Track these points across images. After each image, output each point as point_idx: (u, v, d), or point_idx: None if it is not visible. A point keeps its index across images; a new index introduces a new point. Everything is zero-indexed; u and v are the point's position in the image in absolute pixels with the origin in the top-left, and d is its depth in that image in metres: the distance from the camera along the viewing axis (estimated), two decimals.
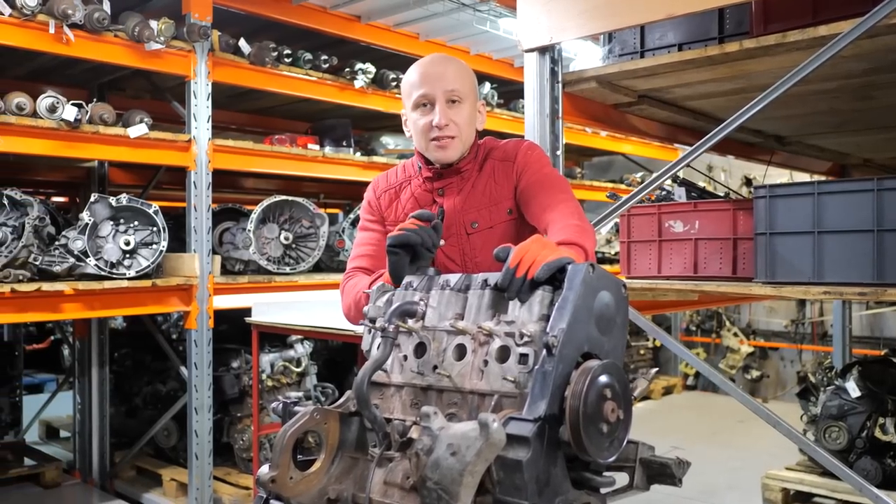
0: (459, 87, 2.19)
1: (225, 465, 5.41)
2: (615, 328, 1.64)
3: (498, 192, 2.23)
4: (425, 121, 2.18)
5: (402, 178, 2.36)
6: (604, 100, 3.75)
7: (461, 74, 2.23)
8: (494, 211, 2.22)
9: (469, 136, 2.24)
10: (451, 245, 2.23)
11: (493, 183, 2.24)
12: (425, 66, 2.23)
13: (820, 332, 8.71)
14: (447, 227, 2.21)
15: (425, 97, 2.18)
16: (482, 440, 1.36)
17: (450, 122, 2.16)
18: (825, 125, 4.48)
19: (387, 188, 2.37)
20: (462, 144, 2.21)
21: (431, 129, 2.17)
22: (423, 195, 2.28)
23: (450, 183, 2.25)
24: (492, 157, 2.28)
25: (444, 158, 2.21)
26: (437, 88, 2.17)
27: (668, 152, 8.17)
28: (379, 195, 2.37)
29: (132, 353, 6.13)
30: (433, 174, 2.26)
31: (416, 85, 2.20)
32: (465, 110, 2.20)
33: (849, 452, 4.49)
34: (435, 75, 2.19)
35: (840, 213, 2.90)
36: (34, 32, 3.95)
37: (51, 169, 6.02)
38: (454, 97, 2.18)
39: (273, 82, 5.06)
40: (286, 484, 1.63)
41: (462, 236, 2.22)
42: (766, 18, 2.99)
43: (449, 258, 2.24)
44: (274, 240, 5.11)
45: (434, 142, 2.19)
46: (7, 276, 3.90)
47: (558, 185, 2.20)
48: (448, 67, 2.22)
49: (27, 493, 5.41)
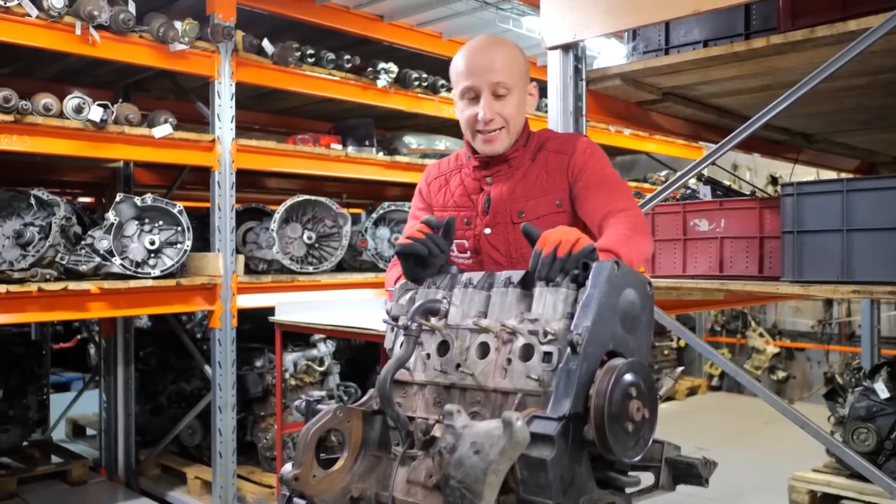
0: (506, 79, 2.12)
1: (248, 463, 5.44)
2: (640, 326, 1.63)
3: (549, 184, 2.17)
4: (470, 113, 2.15)
5: (454, 167, 2.34)
6: (628, 97, 3.72)
7: (509, 63, 2.15)
8: (543, 202, 2.16)
9: (517, 125, 2.19)
10: (496, 234, 2.19)
11: (545, 174, 2.18)
12: (472, 55, 2.16)
13: (847, 333, 8.59)
14: (493, 214, 2.19)
15: (471, 89, 2.14)
16: (506, 439, 1.35)
17: (495, 115, 2.12)
18: (853, 122, 4.42)
19: (438, 175, 2.36)
20: (509, 135, 2.17)
21: (477, 122, 2.14)
22: (472, 183, 2.26)
23: (498, 171, 2.22)
24: (546, 148, 2.21)
25: (490, 151, 2.19)
26: (482, 81, 2.12)
27: (693, 151, 8.10)
28: (430, 182, 2.37)
29: (157, 351, 6.18)
30: (480, 163, 2.24)
31: (463, 75, 2.15)
32: (513, 101, 2.15)
33: (877, 454, 4.42)
34: (481, 66, 2.13)
35: (870, 211, 2.86)
36: (61, 34, 3.99)
37: (77, 169, 6.08)
38: (501, 90, 2.12)
39: (296, 82, 5.07)
40: (309, 482, 1.63)
41: (508, 225, 2.18)
42: (793, 13, 2.94)
43: (493, 247, 2.21)
44: (297, 239, 5.12)
45: (480, 134, 2.16)
46: (34, 276, 3.94)
47: (618, 188, 2.14)
48: (495, 56, 2.14)
49: (54, 490, 5.46)
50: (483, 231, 2.19)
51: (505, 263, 2.17)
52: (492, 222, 2.19)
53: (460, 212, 2.24)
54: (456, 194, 2.27)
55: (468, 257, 2.24)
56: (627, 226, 1.97)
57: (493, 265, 2.17)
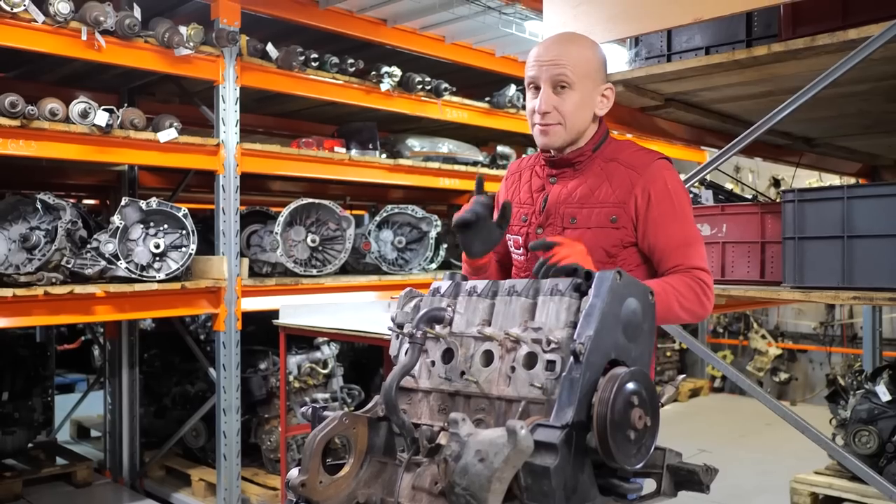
0: (570, 73, 2.10)
1: (252, 465, 5.46)
2: (642, 335, 1.65)
3: (609, 196, 2.11)
4: (531, 104, 2.17)
5: (533, 162, 2.34)
6: (630, 103, 3.74)
7: (576, 58, 2.12)
8: (597, 213, 2.11)
9: (577, 123, 2.15)
10: (546, 235, 2.16)
11: (607, 184, 2.12)
12: (543, 48, 2.18)
13: (849, 335, 8.60)
14: (547, 215, 2.19)
15: (533, 80, 2.16)
16: (510, 447, 1.37)
17: (552, 109, 2.11)
18: (855, 127, 4.44)
19: (515, 171, 2.38)
20: (567, 132, 2.14)
21: (535, 114, 2.16)
22: (538, 181, 2.27)
23: (563, 173, 2.21)
24: (618, 160, 2.16)
25: (545, 144, 2.18)
26: (544, 72, 2.12)
27: (695, 153, 8.12)
28: (507, 177, 2.40)
29: (161, 354, 6.20)
30: (547, 161, 2.24)
31: (529, 66, 2.17)
32: (574, 97, 2.11)
33: (879, 457, 4.44)
34: (546, 58, 2.13)
35: (870, 218, 2.88)
36: (67, 39, 4.02)
37: (82, 173, 6.10)
38: (562, 83, 2.10)
39: (300, 86, 5.09)
40: (316, 488, 1.65)
41: (558, 228, 2.16)
42: (794, 21, 2.97)
43: None
44: (301, 242, 5.15)
45: (536, 126, 2.17)
46: (40, 279, 3.97)
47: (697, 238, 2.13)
48: (563, 50, 2.13)
49: (59, 492, 5.49)
50: (535, 230, 2.20)
51: None
52: (545, 222, 2.19)
53: (521, 208, 2.26)
54: (522, 190, 2.29)
55: (521, 254, 2.26)
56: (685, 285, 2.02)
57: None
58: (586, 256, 1.80)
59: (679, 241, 2.08)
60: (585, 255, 1.80)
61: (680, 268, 2.06)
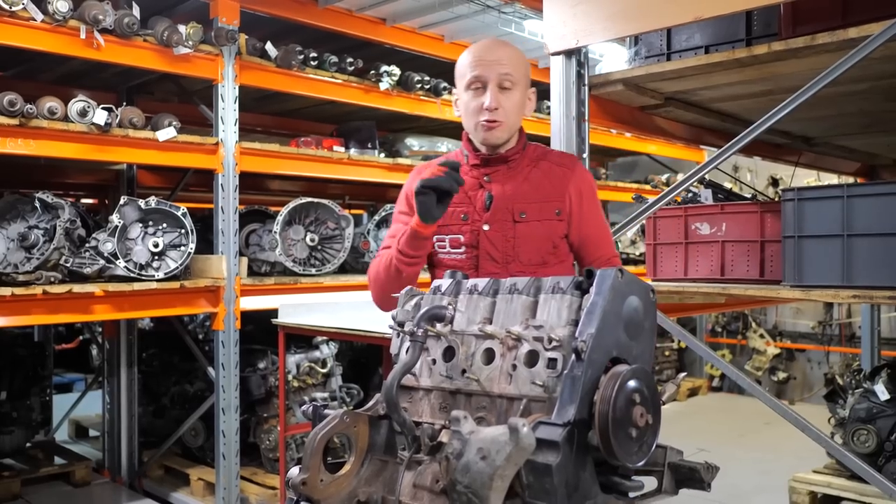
0: (512, 73, 2.26)
1: (251, 464, 5.46)
2: (643, 333, 1.65)
3: (551, 192, 2.32)
4: (476, 102, 2.27)
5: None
6: (630, 102, 3.74)
7: (516, 60, 2.30)
8: (545, 207, 2.31)
9: (516, 123, 2.33)
10: (495, 231, 2.30)
11: (547, 182, 2.33)
12: (481, 49, 2.30)
13: (848, 334, 8.61)
14: (493, 211, 2.30)
15: (478, 79, 2.26)
16: (512, 444, 1.36)
17: (500, 106, 2.25)
18: (854, 126, 4.44)
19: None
20: (508, 130, 2.31)
21: (481, 112, 2.26)
22: (470, 181, 2.34)
23: (497, 171, 2.34)
24: (548, 160, 2.39)
25: (489, 140, 2.30)
26: (490, 72, 2.25)
27: (694, 152, 8.13)
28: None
29: (160, 353, 6.20)
30: (480, 161, 2.35)
31: (471, 66, 2.28)
32: (516, 97, 2.29)
33: (877, 456, 4.44)
34: (490, 59, 2.26)
35: (870, 216, 2.87)
36: (66, 38, 4.01)
37: (81, 172, 6.10)
38: (506, 82, 2.25)
39: (299, 85, 5.09)
40: (317, 487, 1.65)
41: (508, 223, 2.30)
42: (794, 20, 2.96)
43: (491, 243, 2.31)
44: (300, 241, 5.14)
45: (482, 123, 2.27)
46: (39, 278, 3.96)
47: (609, 232, 2.48)
48: (503, 52, 2.29)
49: (58, 492, 5.49)
50: (482, 227, 2.30)
51: (500, 259, 2.30)
52: (491, 219, 2.30)
53: (456, 208, 2.32)
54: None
55: (462, 252, 2.34)
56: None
57: (489, 261, 2.29)
58: None
59: (602, 232, 2.42)
60: None
61: (603, 258, 2.37)
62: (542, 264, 2.32)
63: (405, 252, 2.22)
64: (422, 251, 2.24)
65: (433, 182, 2.05)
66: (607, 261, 2.38)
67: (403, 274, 2.24)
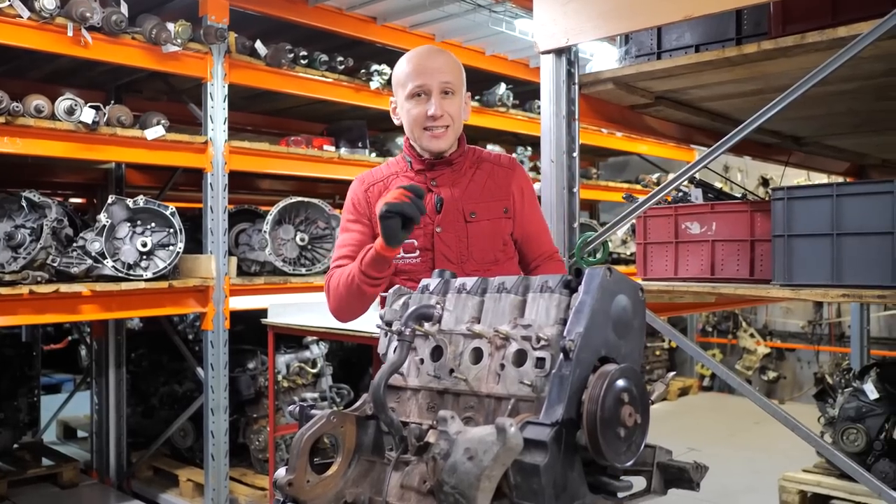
0: (453, 80, 2.31)
1: (241, 465, 5.44)
2: (632, 332, 1.64)
3: (497, 192, 2.40)
4: (419, 110, 2.30)
5: (390, 172, 2.45)
6: (620, 101, 3.73)
7: (454, 67, 2.35)
8: (493, 207, 2.39)
9: (459, 126, 2.38)
10: (447, 232, 2.34)
11: (492, 182, 2.41)
12: (420, 58, 2.35)
13: (837, 333, 8.64)
14: (445, 214, 2.34)
15: (420, 87, 2.30)
16: (500, 445, 1.35)
17: (444, 112, 2.29)
18: (843, 126, 4.45)
19: (374, 182, 2.44)
20: (454, 134, 2.37)
21: (426, 119, 2.29)
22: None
23: (442, 174, 2.38)
24: (488, 161, 2.47)
25: (437, 148, 2.34)
26: (432, 80, 2.29)
27: (684, 152, 8.13)
28: (367, 188, 2.44)
29: (149, 353, 6.16)
30: (425, 165, 2.38)
31: (412, 75, 2.31)
32: (457, 102, 2.34)
33: (867, 455, 4.45)
34: (431, 67, 2.31)
35: (859, 215, 2.88)
36: (53, 35, 3.98)
37: (68, 171, 6.06)
38: (448, 88, 2.30)
39: (289, 84, 5.07)
40: (303, 487, 1.63)
41: (460, 224, 2.35)
42: (784, 19, 2.97)
43: (445, 244, 2.35)
44: (290, 241, 5.12)
45: (427, 131, 2.31)
46: (25, 278, 3.93)
47: (547, 228, 2.60)
48: (442, 60, 2.35)
49: (45, 493, 5.45)
50: (435, 229, 2.33)
51: (455, 259, 2.34)
52: (443, 221, 2.34)
53: None
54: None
55: (416, 256, 2.36)
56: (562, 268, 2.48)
57: (444, 261, 2.33)
58: None
59: (542, 228, 2.54)
60: None
61: (546, 254, 2.49)
62: (494, 262, 2.38)
63: (369, 274, 2.21)
64: (386, 272, 2.24)
65: (398, 207, 2.04)
66: (549, 256, 2.48)
67: (367, 294, 2.26)
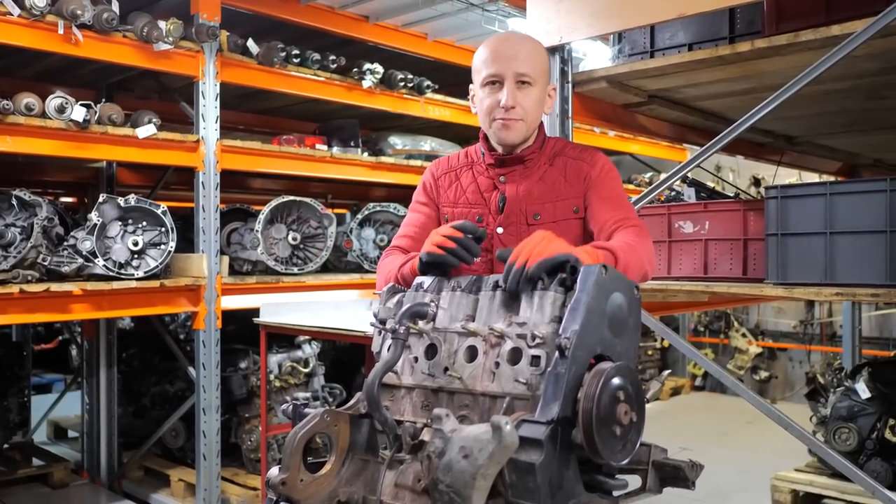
0: (530, 70, 2.13)
1: (233, 465, 5.41)
2: (628, 330, 1.63)
3: (567, 189, 2.18)
4: (491, 100, 2.15)
5: (464, 162, 2.32)
6: (613, 100, 3.73)
7: (534, 56, 2.17)
8: (560, 206, 2.17)
9: (535, 120, 2.20)
10: (509, 234, 2.17)
11: (562, 179, 2.19)
12: (499, 44, 2.18)
13: (829, 333, 8.67)
14: (507, 214, 2.18)
15: (494, 76, 2.14)
16: (495, 443, 1.34)
17: (517, 104, 2.12)
18: (836, 125, 4.46)
19: (447, 170, 2.33)
20: (526, 128, 2.17)
21: (496, 109, 2.14)
22: (485, 181, 2.24)
23: (513, 171, 2.21)
24: (565, 154, 2.23)
25: (505, 139, 2.17)
26: (507, 68, 2.12)
27: (677, 152, 8.14)
28: (438, 177, 2.33)
29: (140, 353, 6.13)
30: (495, 161, 2.23)
31: (487, 63, 2.15)
32: (534, 94, 2.15)
33: (859, 454, 4.46)
34: (507, 55, 2.14)
35: (852, 214, 2.88)
36: (43, 33, 3.95)
37: (59, 169, 6.03)
38: (524, 79, 2.13)
39: (281, 82, 5.05)
40: (296, 486, 1.62)
41: (522, 226, 2.17)
42: (777, 18, 2.97)
43: (504, 246, 2.16)
44: (282, 240, 5.11)
45: (497, 121, 2.15)
46: (16, 277, 3.90)
47: (630, 208, 2.21)
48: (522, 47, 2.16)
49: (35, 493, 5.41)
50: (496, 230, 2.18)
51: None
52: (505, 222, 2.18)
53: (472, 209, 2.23)
54: (468, 191, 2.25)
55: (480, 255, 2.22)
56: (635, 238, 2.01)
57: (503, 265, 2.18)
58: (557, 239, 1.76)
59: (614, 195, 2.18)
60: (555, 238, 1.76)
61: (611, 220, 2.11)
62: None
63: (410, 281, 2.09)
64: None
65: (439, 259, 1.89)
66: (630, 226, 2.09)
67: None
